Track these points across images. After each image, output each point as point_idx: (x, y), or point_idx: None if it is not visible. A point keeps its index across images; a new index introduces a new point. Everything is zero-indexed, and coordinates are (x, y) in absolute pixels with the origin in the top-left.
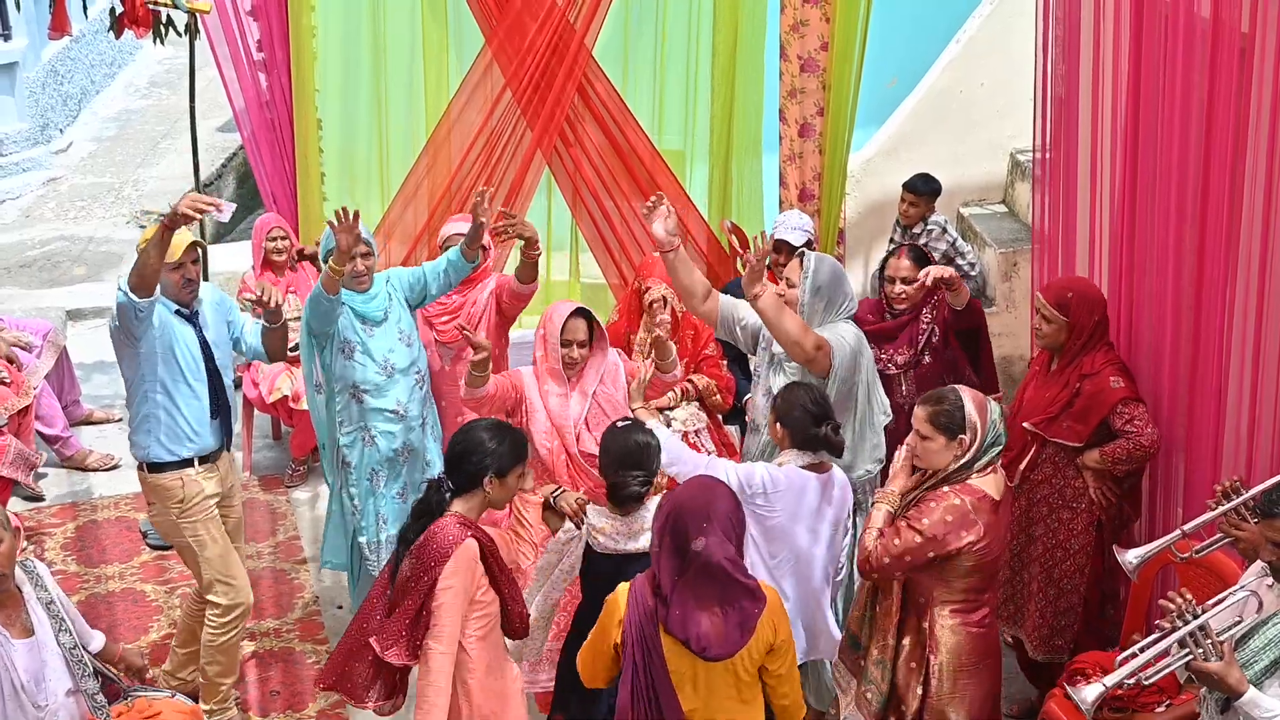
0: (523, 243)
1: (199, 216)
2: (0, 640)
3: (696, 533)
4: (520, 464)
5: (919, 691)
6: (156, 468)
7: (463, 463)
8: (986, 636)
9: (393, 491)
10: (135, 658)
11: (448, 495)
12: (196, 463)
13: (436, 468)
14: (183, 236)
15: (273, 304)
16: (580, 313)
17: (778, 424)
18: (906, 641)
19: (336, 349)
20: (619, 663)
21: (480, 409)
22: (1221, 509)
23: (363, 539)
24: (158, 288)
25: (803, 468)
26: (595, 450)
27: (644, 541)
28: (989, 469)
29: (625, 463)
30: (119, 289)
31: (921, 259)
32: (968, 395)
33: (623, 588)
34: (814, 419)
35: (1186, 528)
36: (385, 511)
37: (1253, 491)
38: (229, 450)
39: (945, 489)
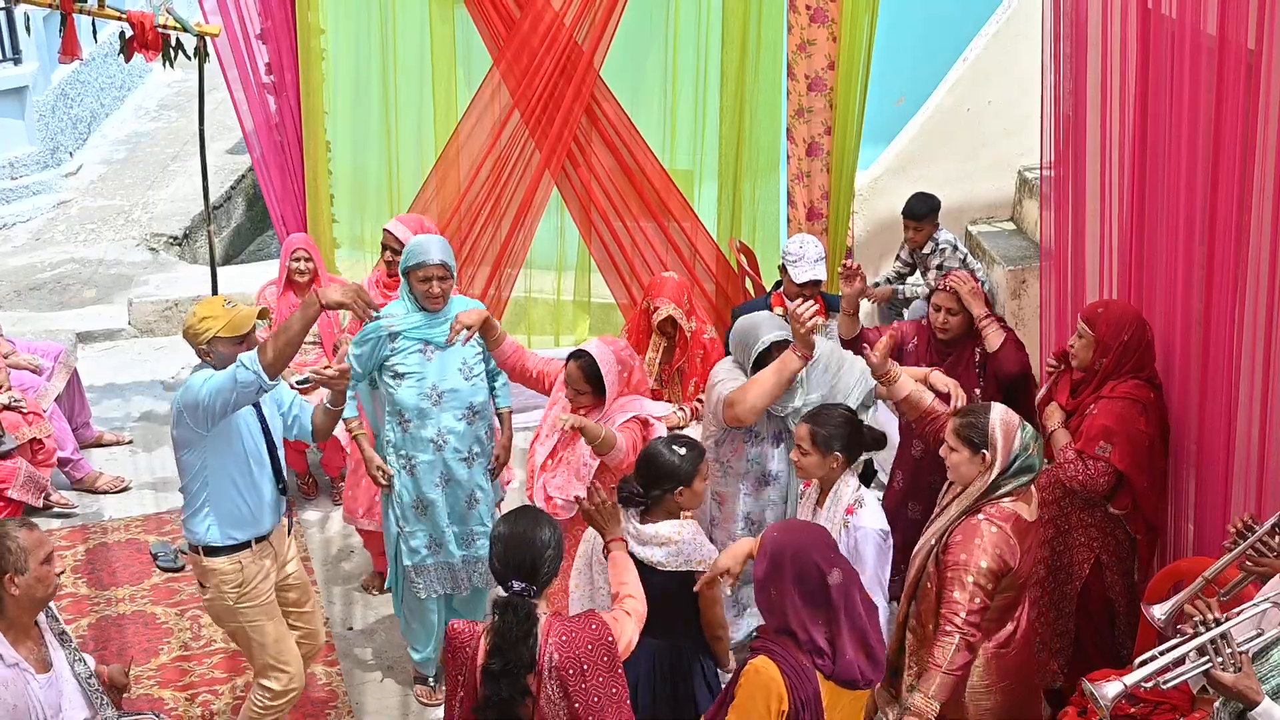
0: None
1: (356, 309)
2: (27, 676)
3: (827, 566)
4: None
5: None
6: (212, 551)
7: (660, 480)
8: (1006, 658)
9: (442, 521)
10: (120, 676)
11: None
12: (254, 542)
13: (485, 507)
14: (251, 309)
15: (335, 375)
16: (581, 361)
17: (834, 454)
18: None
19: (391, 376)
20: None
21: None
22: (1240, 549)
23: (407, 563)
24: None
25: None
26: (549, 493)
27: (650, 553)
28: (1020, 496)
29: (651, 476)
30: (242, 366)
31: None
32: (999, 413)
33: (758, 680)
34: (853, 424)
35: (1208, 574)
36: (435, 537)
37: (1266, 526)
38: (281, 521)
39: (977, 518)
